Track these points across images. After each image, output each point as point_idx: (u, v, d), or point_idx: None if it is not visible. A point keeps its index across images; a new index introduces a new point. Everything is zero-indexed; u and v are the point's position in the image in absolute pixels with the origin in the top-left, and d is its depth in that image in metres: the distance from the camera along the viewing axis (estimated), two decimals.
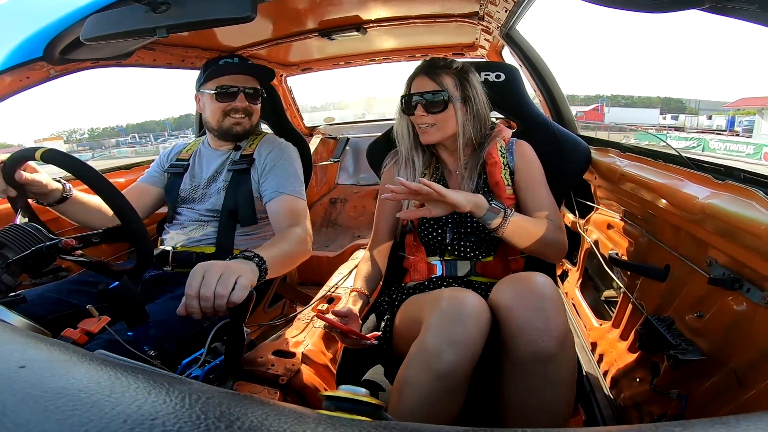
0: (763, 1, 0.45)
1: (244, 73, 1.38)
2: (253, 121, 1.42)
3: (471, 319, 0.78)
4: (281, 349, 1.16)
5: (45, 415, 0.26)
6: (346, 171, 3.54)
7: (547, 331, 0.75)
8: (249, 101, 1.38)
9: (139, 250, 0.99)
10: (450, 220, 1.14)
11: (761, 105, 25.98)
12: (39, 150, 0.99)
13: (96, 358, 0.36)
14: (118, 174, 1.71)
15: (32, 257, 0.82)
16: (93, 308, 0.77)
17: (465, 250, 1.13)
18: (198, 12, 0.85)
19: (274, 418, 0.28)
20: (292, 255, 1.12)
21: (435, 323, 0.78)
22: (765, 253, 0.70)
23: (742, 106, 31.32)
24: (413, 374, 0.77)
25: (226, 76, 1.35)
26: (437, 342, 0.76)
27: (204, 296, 0.76)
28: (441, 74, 1.11)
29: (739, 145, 22.00)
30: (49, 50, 1.12)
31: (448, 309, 0.79)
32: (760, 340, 0.74)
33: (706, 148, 22.71)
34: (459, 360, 0.74)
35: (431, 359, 0.75)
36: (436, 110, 1.11)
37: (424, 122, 1.12)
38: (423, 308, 0.87)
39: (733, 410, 0.79)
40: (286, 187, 1.30)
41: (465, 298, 0.81)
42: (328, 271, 1.77)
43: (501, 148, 1.18)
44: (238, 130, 1.39)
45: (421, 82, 1.13)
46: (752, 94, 32.71)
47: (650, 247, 1.14)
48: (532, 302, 0.78)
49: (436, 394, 0.75)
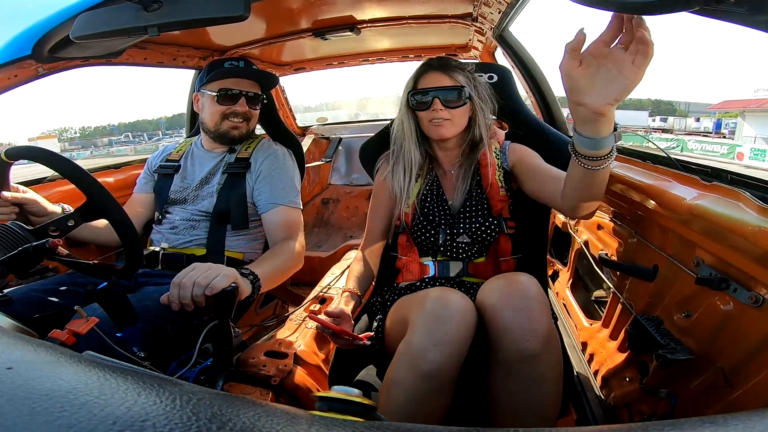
0: (752, 4, 0.45)
1: (248, 77, 1.38)
2: (250, 126, 1.42)
3: (456, 319, 0.78)
4: (273, 350, 1.15)
5: (32, 416, 0.25)
6: (338, 171, 3.53)
7: (531, 331, 0.76)
8: (249, 106, 1.37)
9: (127, 246, 0.97)
10: (443, 222, 1.15)
11: (742, 107, 26.77)
12: (2, 153, 0.99)
13: (84, 359, 0.35)
14: (107, 173, 1.69)
15: (19, 258, 0.81)
16: (81, 309, 0.76)
17: (457, 251, 1.14)
18: (190, 11, 0.84)
19: (266, 419, 0.28)
20: (285, 270, 1.19)
21: (420, 323, 0.79)
22: (751, 254, 0.71)
23: (725, 109, 31.98)
24: (400, 373, 0.77)
25: (229, 79, 1.35)
26: (422, 342, 0.77)
27: (183, 284, 0.81)
28: (457, 72, 1.13)
29: (714, 145, 23.27)
30: (37, 48, 1.10)
31: (434, 309, 0.80)
32: (747, 339, 0.76)
33: (684, 149, 23.59)
34: (444, 359, 0.75)
35: (417, 359, 0.76)
36: (454, 105, 1.11)
37: (441, 117, 1.11)
38: (410, 308, 0.88)
39: (720, 409, 0.80)
40: (282, 197, 1.30)
41: (450, 298, 0.81)
42: (320, 271, 1.76)
43: (495, 150, 1.19)
44: (235, 134, 1.38)
45: (435, 78, 1.13)
46: (737, 96, 33.53)
47: (639, 247, 1.15)
48: (516, 302, 0.79)
49: (422, 394, 0.75)
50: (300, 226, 1.31)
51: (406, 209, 1.19)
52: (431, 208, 1.17)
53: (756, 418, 0.28)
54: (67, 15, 1.01)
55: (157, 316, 1.03)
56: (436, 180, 1.21)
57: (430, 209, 1.17)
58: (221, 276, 0.83)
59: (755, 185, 0.82)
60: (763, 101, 25.53)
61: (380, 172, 1.29)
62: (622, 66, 0.62)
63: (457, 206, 1.16)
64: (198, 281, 0.81)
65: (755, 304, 0.73)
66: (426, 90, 1.12)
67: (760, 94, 26.58)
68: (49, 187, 1.40)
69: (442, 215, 1.15)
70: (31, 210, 1.11)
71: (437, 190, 1.19)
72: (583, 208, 0.94)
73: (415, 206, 1.18)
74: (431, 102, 1.11)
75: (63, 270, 1.30)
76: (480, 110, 1.16)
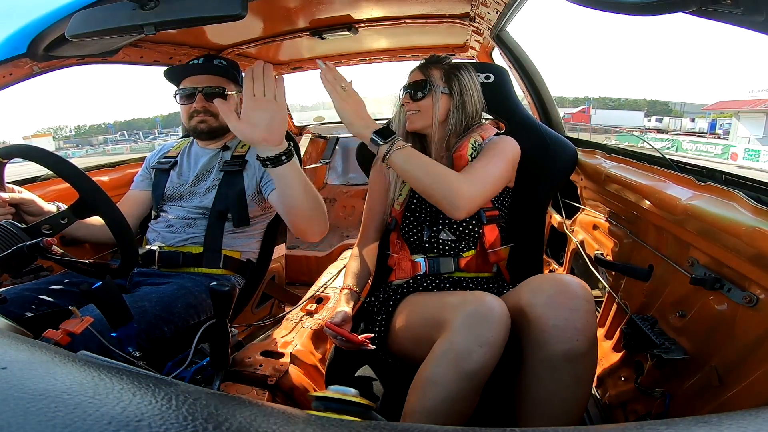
0: (748, 5, 0.45)
1: (206, 72, 1.37)
2: (222, 120, 1.37)
3: (498, 321, 0.80)
4: (270, 350, 1.15)
5: (26, 417, 0.25)
6: (335, 171, 3.53)
7: (582, 331, 0.79)
8: (207, 101, 1.35)
9: (120, 243, 0.97)
10: (428, 218, 1.16)
11: (737, 108, 27.05)
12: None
13: (79, 359, 0.35)
14: (102, 172, 1.68)
15: (13, 257, 0.80)
16: (75, 308, 0.76)
17: (443, 247, 1.14)
18: (187, 9, 0.83)
19: (262, 419, 0.28)
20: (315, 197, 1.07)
21: (464, 324, 0.80)
22: (745, 254, 0.72)
23: (720, 109, 32.24)
24: (440, 372, 0.78)
25: (187, 78, 1.36)
26: (468, 342, 0.78)
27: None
28: (431, 68, 1.19)
29: (709, 146, 23.26)
30: (32, 47, 1.10)
31: (477, 310, 0.81)
32: (741, 339, 0.76)
33: (679, 149, 23.72)
34: (488, 360, 0.77)
35: (461, 359, 0.77)
36: (418, 98, 1.18)
37: (410, 109, 1.19)
38: (443, 309, 0.88)
39: (714, 409, 0.80)
40: None
41: (492, 302, 0.83)
42: (316, 271, 1.76)
43: (474, 143, 1.17)
44: (203, 128, 1.37)
45: (413, 74, 1.22)
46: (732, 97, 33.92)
47: (634, 247, 1.16)
48: (570, 302, 0.80)
49: (462, 392, 0.77)
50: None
51: (396, 206, 1.21)
52: (418, 203, 1.19)
53: (749, 418, 0.28)
54: (62, 13, 1.00)
55: (154, 316, 1.02)
56: None
57: (417, 204, 1.19)
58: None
59: (749, 186, 0.83)
60: (757, 102, 25.77)
61: (377, 163, 1.31)
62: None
63: None
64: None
65: (749, 304, 0.74)
66: (404, 86, 1.21)
67: (754, 95, 26.81)
68: (44, 185, 1.40)
69: (427, 211, 1.17)
70: (27, 210, 1.11)
71: None
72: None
73: (405, 201, 1.20)
74: (403, 96, 1.21)
75: (57, 269, 1.29)
76: (454, 104, 1.18)
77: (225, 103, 0.92)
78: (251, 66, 0.90)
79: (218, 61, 1.41)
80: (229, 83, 1.40)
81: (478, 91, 1.21)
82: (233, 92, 1.39)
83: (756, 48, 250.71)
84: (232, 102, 1.37)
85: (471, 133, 1.18)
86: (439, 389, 0.77)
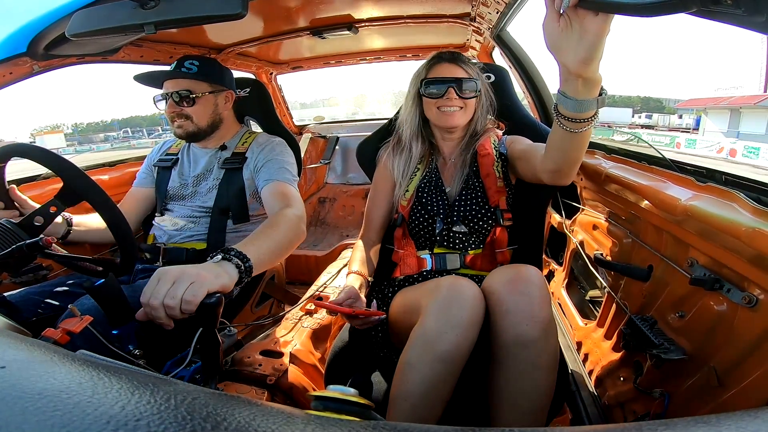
0: (749, 5, 0.45)
1: (177, 77, 1.32)
2: (199, 123, 1.34)
3: (469, 304, 0.81)
4: (269, 349, 1.15)
5: (24, 416, 0.25)
6: (335, 170, 3.53)
7: (531, 317, 0.79)
8: (180, 106, 1.31)
9: (113, 230, 0.97)
10: (441, 210, 1.16)
11: (703, 105, 29.93)
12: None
13: (78, 359, 0.35)
14: (102, 171, 1.68)
15: (12, 256, 0.80)
16: (75, 308, 0.76)
17: (454, 240, 1.15)
18: (187, 8, 0.84)
19: (261, 418, 0.28)
20: (283, 243, 1.02)
21: (435, 308, 0.81)
22: (744, 254, 0.72)
23: (691, 106, 34.28)
24: (414, 356, 0.80)
25: (166, 83, 1.32)
26: (438, 325, 0.79)
27: (152, 305, 0.70)
28: (468, 65, 1.18)
29: (660, 137, 27.83)
30: (33, 46, 1.10)
31: (448, 295, 0.82)
32: (740, 339, 0.76)
33: (639, 140, 26.37)
34: (460, 341, 0.78)
35: (433, 342, 0.79)
36: (468, 96, 1.16)
37: (455, 105, 1.15)
38: (421, 296, 0.90)
39: (713, 409, 0.80)
40: (278, 175, 1.29)
41: (463, 285, 0.84)
42: (316, 270, 1.76)
43: (494, 142, 1.22)
44: (180, 133, 1.35)
45: (449, 69, 1.16)
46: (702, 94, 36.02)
47: (634, 247, 1.16)
48: (520, 287, 0.82)
49: (436, 375, 0.78)
50: (298, 198, 1.22)
51: (403, 201, 1.21)
52: (429, 197, 1.19)
53: (748, 418, 0.28)
54: (63, 12, 1.00)
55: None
56: (436, 169, 1.23)
57: (428, 198, 1.18)
58: (194, 287, 0.70)
59: (749, 186, 0.83)
60: (720, 99, 28.44)
61: (382, 161, 1.31)
62: (583, 20, 0.61)
63: (454, 194, 1.18)
64: (166, 302, 0.69)
65: (748, 304, 0.74)
66: (442, 79, 1.15)
67: (719, 93, 29.50)
68: (43, 184, 1.39)
69: (440, 204, 1.17)
70: (25, 211, 1.11)
71: (436, 179, 1.21)
72: (560, 173, 0.97)
73: (413, 196, 1.20)
74: (446, 91, 1.14)
75: (57, 268, 1.29)
76: (483, 103, 1.22)
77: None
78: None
79: (189, 63, 1.34)
80: (199, 84, 1.33)
81: (490, 93, 1.26)
82: (206, 92, 1.34)
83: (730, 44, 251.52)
84: (209, 103, 1.35)
85: (487, 131, 1.23)
86: (416, 372, 0.79)
